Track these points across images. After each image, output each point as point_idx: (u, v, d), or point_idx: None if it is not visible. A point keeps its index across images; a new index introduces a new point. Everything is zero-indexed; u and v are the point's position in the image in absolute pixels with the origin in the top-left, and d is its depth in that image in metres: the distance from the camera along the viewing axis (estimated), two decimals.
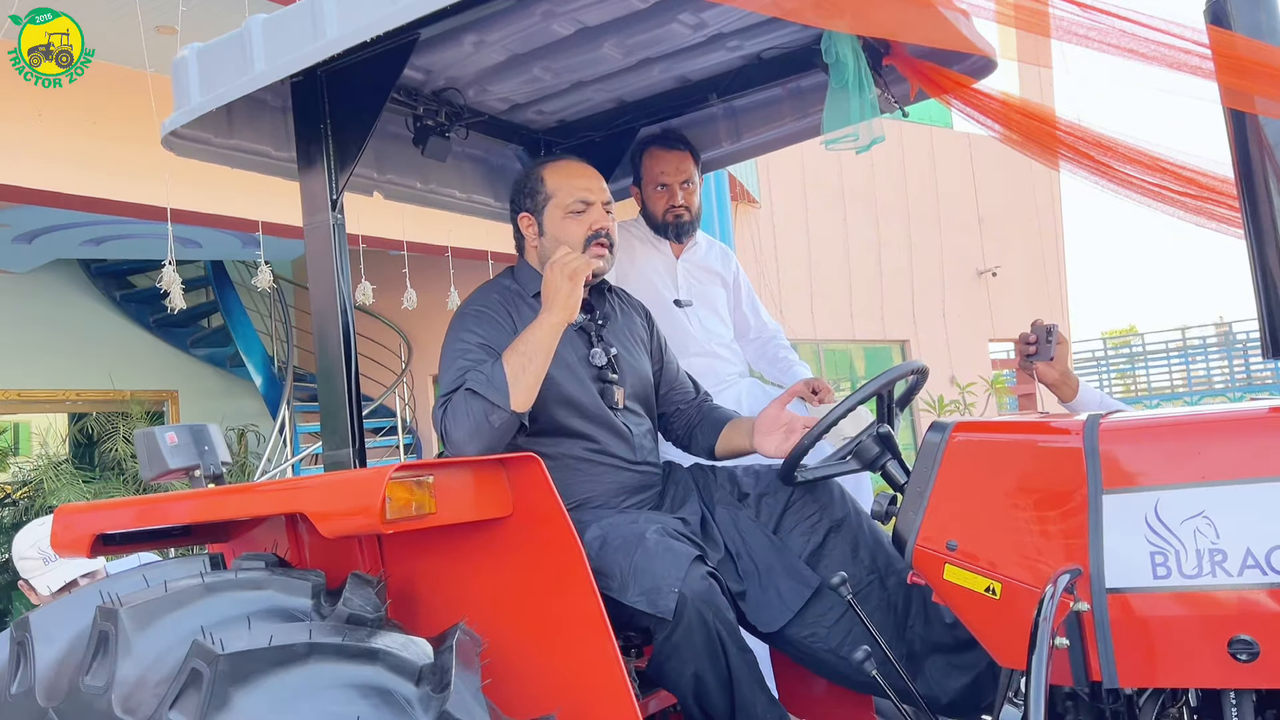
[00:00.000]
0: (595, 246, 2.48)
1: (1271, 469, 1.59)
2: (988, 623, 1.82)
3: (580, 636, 1.97)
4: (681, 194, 3.20)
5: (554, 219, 2.51)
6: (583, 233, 2.48)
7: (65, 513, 2.14)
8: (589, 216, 2.49)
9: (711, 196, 9.39)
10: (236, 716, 1.54)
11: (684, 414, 2.75)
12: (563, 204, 2.50)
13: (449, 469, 1.91)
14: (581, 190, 2.51)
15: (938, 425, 1.94)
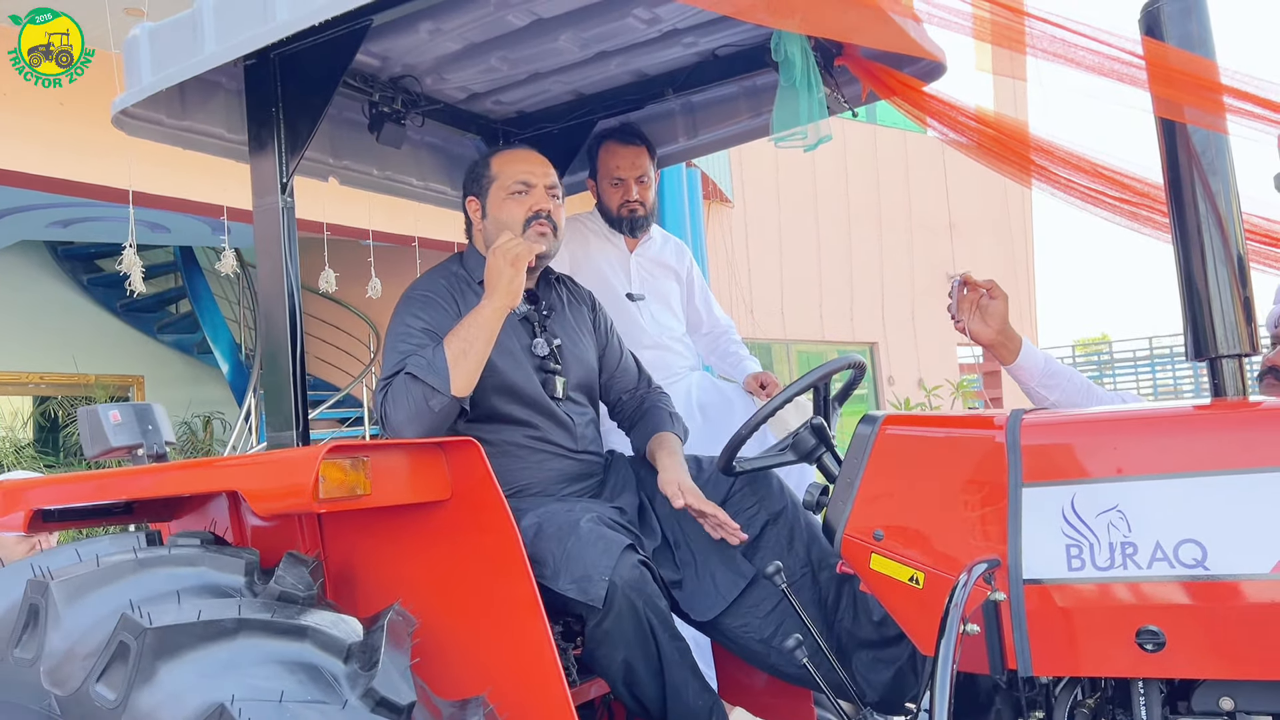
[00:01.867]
0: (536, 225, 2.49)
1: (1184, 465, 1.64)
2: (911, 611, 1.86)
3: (514, 621, 1.99)
4: (637, 189, 3.22)
5: (496, 201, 2.54)
6: (523, 214, 2.49)
7: (4, 489, 2.14)
8: (530, 199, 2.51)
9: (684, 195, 9.44)
10: (163, 690, 1.56)
11: (626, 405, 2.77)
12: (505, 186, 2.53)
13: (386, 451, 1.93)
14: (523, 173, 2.53)
15: (869, 418, 1.97)
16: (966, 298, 2.35)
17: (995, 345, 2.34)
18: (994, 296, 2.32)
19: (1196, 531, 1.59)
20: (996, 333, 2.32)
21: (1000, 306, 2.32)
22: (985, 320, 2.32)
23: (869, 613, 2.32)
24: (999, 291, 2.34)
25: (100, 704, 1.56)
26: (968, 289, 2.35)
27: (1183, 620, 1.59)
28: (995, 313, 2.32)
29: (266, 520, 2.12)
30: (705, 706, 2.25)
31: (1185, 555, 1.59)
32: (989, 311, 2.32)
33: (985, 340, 2.34)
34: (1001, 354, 2.35)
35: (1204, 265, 1.77)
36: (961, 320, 2.36)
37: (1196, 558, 1.58)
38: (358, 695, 1.63)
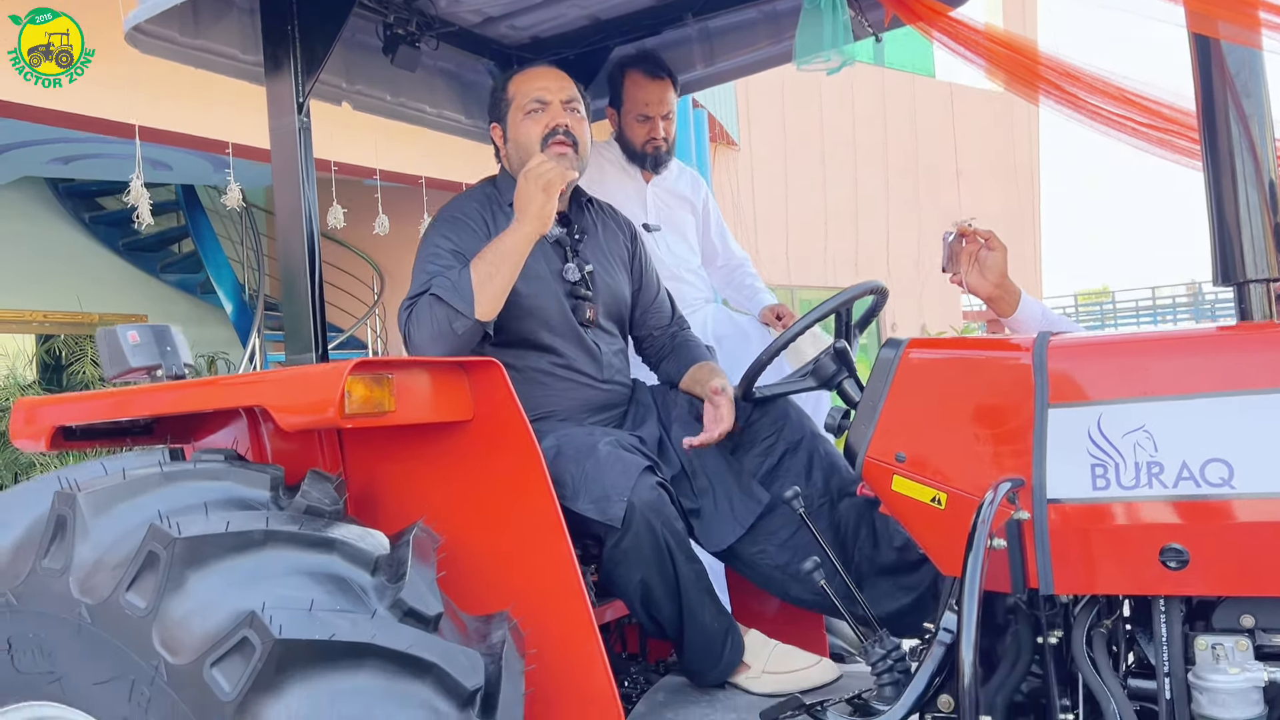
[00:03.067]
0: (554, 145, 2.44)
1: (1212, 385, 1.64)
2: (932, 532, 1.87)
3: (537, 541, 2.00)
4: (663, 125, 3.19)
5: (514, 122, 2.51)
6: (540, 132, 2.45)
7: (25, 405, 2.14)
8: (546, 115, 2.47)
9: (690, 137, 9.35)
10: (193, 598, 1.57)
11: (658, 339, 2.76)
12: (521, 106, 2.49)
13: (409, 369, 1.92)
14: (539, 90, 2.49)
15: (892, 342, 1.97)
16: (965, 250, 2.31)
17: (993, 298, 2.30)
18: (992, 248, 2.28)
19: (1223, 450, 1.60)
20: (994, 285, 2.28)
21: (999, 258, 2.28)
22: (983, 273, 2.28)
23: (890, 539, 2.33)
24: (997, 243, 2.30)
25: (131, 612, 1.58)
26: (965, 241, 2.31)
27: (1207, 538, 1.60)
28: (993, 265, 2.27)
29: (289, 440, 2.12)
30: (721, 628, 2.27)
31: (1211, 474, 1.60)
32: (987, 264, 2.28)
33: (983, 293, 2.30)
34: (999, 307, 2.32)
35: (1234, 189, 1.75)
36: (957, 273, 2.32)
37: (1223, 476, 1.59)
38: (386, 606, 1.65)
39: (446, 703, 1.59)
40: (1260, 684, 1.54)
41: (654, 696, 2.32)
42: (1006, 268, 2.28)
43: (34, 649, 1.71)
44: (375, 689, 1.55)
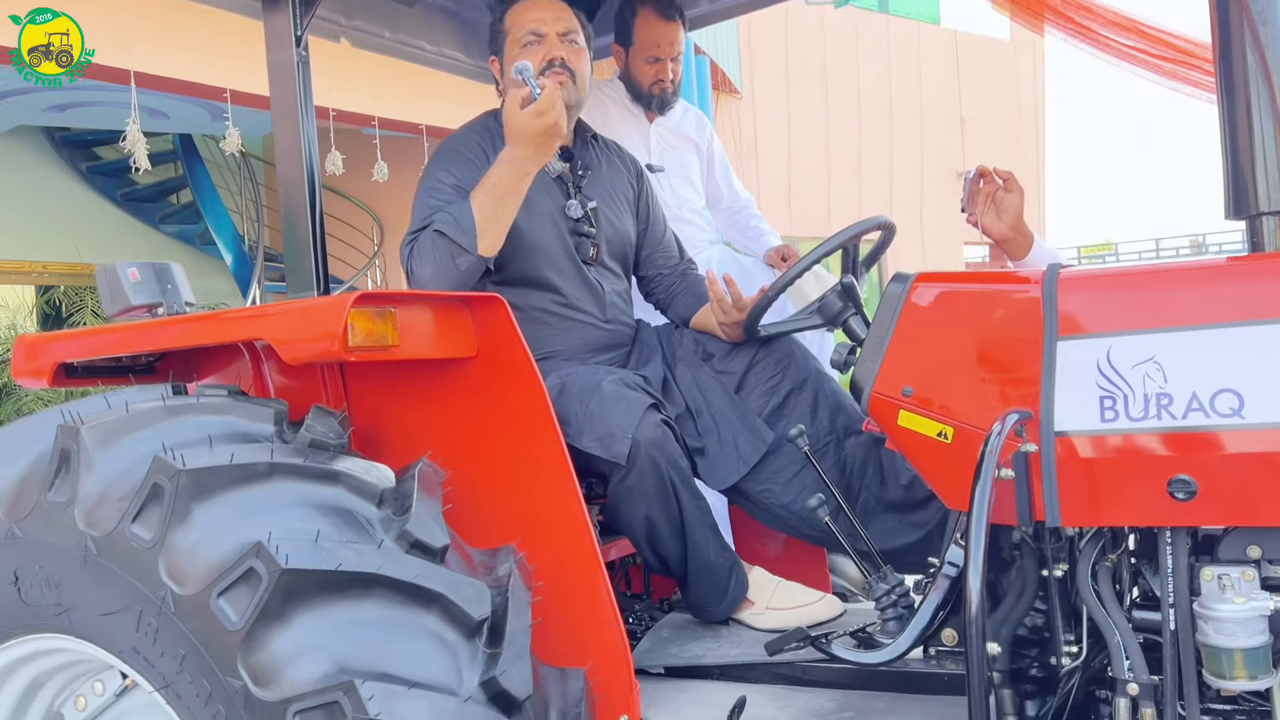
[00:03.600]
0: (551, 76, 2.38)
1: (1222, 315, 1.62)
2: (938, 466, 1.87)
3: (542, 477, 2.00)
4: (671, 67, 3.14)
5: (511, 56, 2.46)
6: (536, 65, 2.39)
7: (26, 341, 2.13)
8: (542, 48, 2.42)
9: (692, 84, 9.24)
10: (198, 529, 1.57)
11: (665, 279, 2.74)
12: (516, 39, 2.45)
13: (412, 304, 1.91)
14: (534, 21, 2.44)
15: (900, 276, 1.95)
16: (981, 191, 2.30)
17: (1008, 240, 2.29)
18: (1010, 190, 2.27)
19: (1234, 381, 1.58)
20: (1009, 228, 2.27)
21: (1016, 200, 2.27)
22: (999, 215, 2.28)
23: (897, 477, 2.33)
24: (1015, 185, 2.29)
25: (137, 544, 1.58)
26: (984, 181, 2.30)
27: (1216, 469, 1.59)
28: (1010, 207, 2.26)
29: (292, 378, 2.11)
30: (725, 564, 2.28)
31: (1221, 405, 1.59)
32: (1004, 206, 2.27)
33: (998, 235, 2.30)
34: (1013, 249, 2.32)
35: (1249, 121, 1.72)
36: (974, 214, 2.31)
37: (1233, 407, 1.58)
38: (392, 538, 1.65)
39: (453, 632, 1.59)
40: (1266, 613, 1.55)
41: (659, 632, 2.34)
42: (1022, 211, 2.27)
43: (41, 581, 1.71)
44: (382, 618, 1.55)
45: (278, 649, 1.48)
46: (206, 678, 1.53)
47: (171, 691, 1.58)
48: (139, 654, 1.61)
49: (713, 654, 2.21)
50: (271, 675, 1.47)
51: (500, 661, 1.60)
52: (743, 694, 1.97)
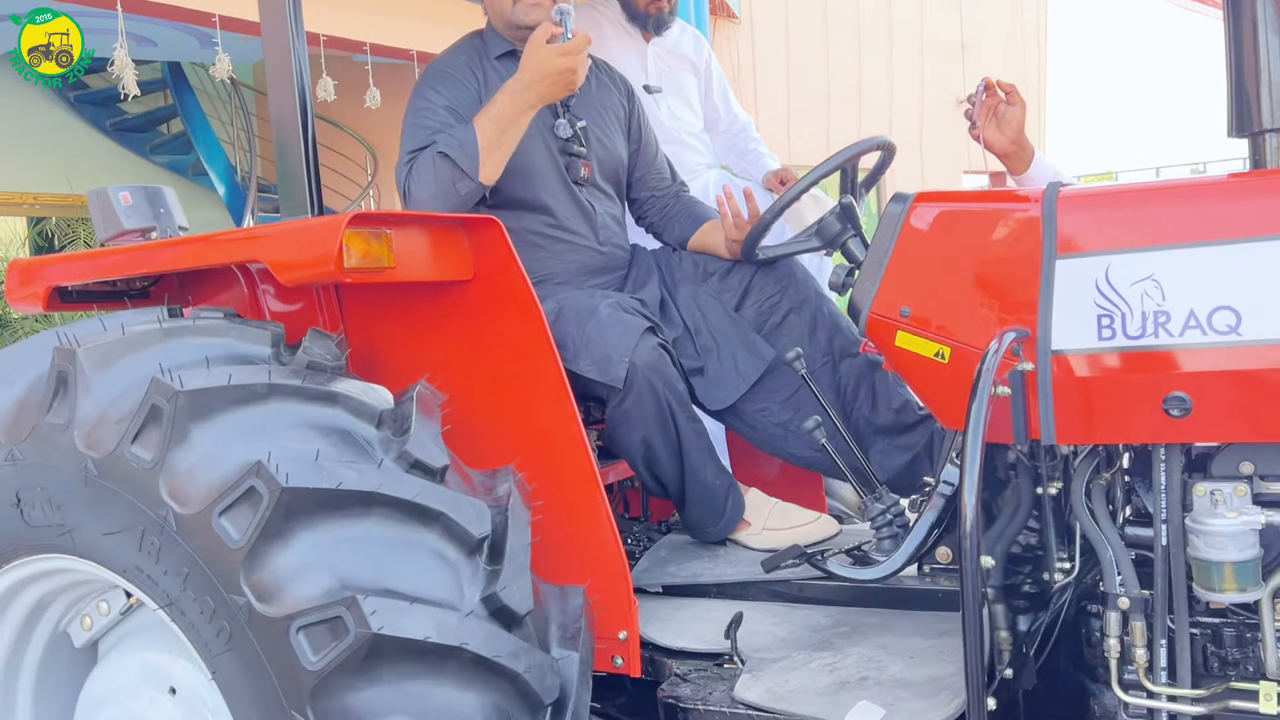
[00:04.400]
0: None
1: (1221, 232, 1.61)
2: (935, 387, 1.87)
3: (540, 400, 2.00)
4: None
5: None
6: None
7: (21, 265, 2.12)
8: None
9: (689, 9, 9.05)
10: (197, 450, 1.58)
11: (658, 201, 2.71)
12: None
13: (407, 225, 1.89)
14: None
15: (899, 196, 1.93)
16: (985, 103, 2.32)
17: (1008, 154, 2.32)
18: (1013, 103, 2.30)
19: (1231, 298, 1.58)
20: (1011, 141, 2.30)
21: (1018, 114, 2.30)
22: (1001, 127, 2.30)
23: (888, 400, 2.34)
24: (1018, 98, 2.31)
25: (137, 465, 1.59)
26: (987, 94, 2.32)
27: (1211, 386, 1.59)
28: (1012, 120, 2.29)
29: (288, 302, 2.10)
30: (722, 485, 2.30)
31: (1219, 322, 1.58)
32: (1006, 119, 2.29)
33: (999, 148, 2.32)
34: (1013, 164, 2.34)
35: (1254, 37, 1.69)
36: (977, 128, 2.32)
37: (1230, 324, 1.58)
38: (392, 458, 1.65)
39: (454, 549, 1.61)
40: (1257, 527, 1.56)
41: (656, 553, 2.37)
42: (1024, 124, 2.27)
43: (43, 502, 1.72)
44: (383, 536, 1.56)
45: (280, 566, 1.50)
46: (210, 595, 1.55)
47: (175, 609, 1.61)
48: (142, 573, 1.63)
49: (710, 573, 2.24)
50: (274, 592, 1.49)
51: (501, 578, 1.62)
52: (739, 610, 2.00)
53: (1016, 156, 2.31)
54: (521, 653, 1.58)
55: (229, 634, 1.54)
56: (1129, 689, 1.67)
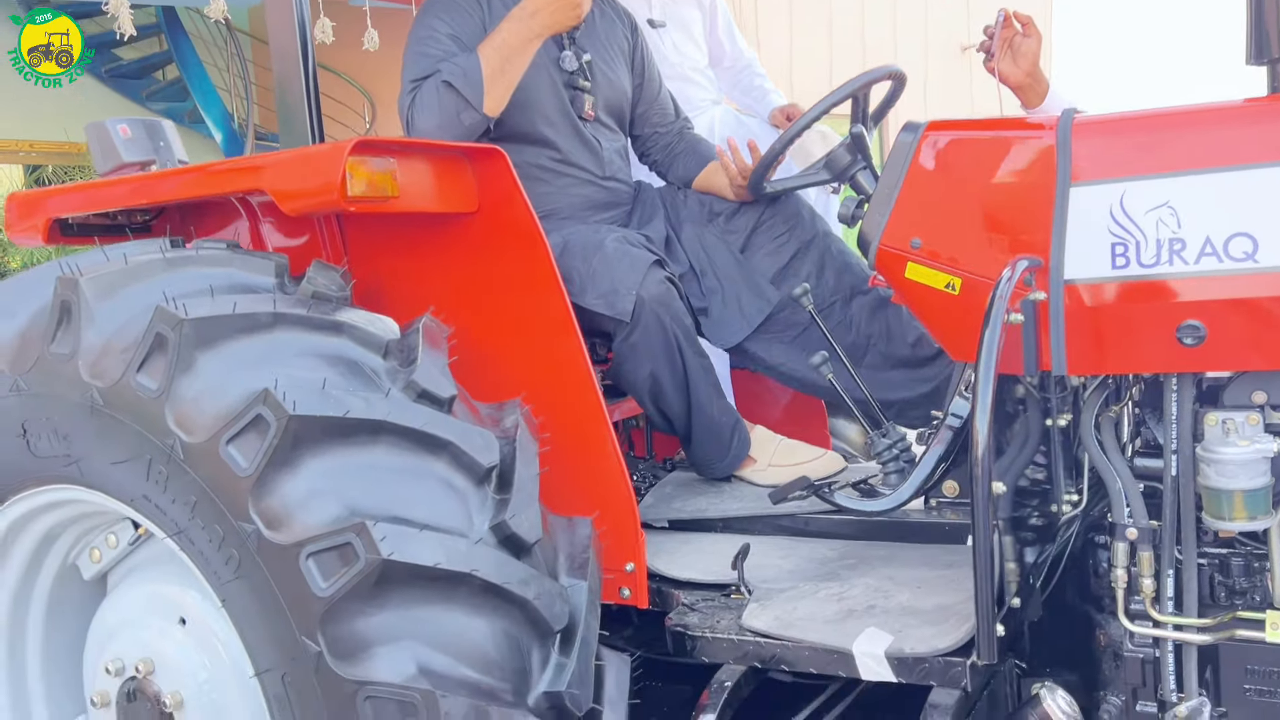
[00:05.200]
0: None
1: (1239, 158, 1.59)
2: (945, 318, 1.86)
3: (546, 333, 1.99)
4: None
5: None
6: None
7: (20, 198, 2.09)
8: None
9: None
10: (203, 378, 1.57)
11: (662, 137, 2.68)
12: None
13: (411, 154, 1.87)
14: None
15: (911, 126, 1.90)
16: (1002, 35, 2.26)
17: (1022, 87, 2.27)
18: (1028, 35, 2.24)
19: (1248, 225, 1.56)
20: (1025, 74, 2.25)
21: (1033, 45, 2.24)
22: (1016, 60, 2.25)
23: (904, 335, 2.32)
24: (1034, 30, 2.26)
25: (143, 394, 1.58)
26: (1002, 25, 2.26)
27: (1226, 314, 1.58)
28: (1027, 52, 2.24)
29: (291, 234, 2.08)
30: (728, 421, 2.30)
31: (1235, 249, 1.56)
32: (1020, 50, 2.24)
33: (1014, 81, 2.27)
34: (1028, 96, 2.30)
35: None
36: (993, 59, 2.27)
37: (1247, 251, 1.56)
38: (399, 387, 1.65)
39: (462, 478, 1.61)
40: (1269, 455, 1.55)
41: (662, 489, 2.37)
42: (1039, 57, 2.22)
43: (49, 433, 1.72)
44: (391, 464, 1.56)
45: (288, 493, 1.50)
46: (219, 523, 1.55)
47: (184, 538, 1.61)
48: (150, 502, 1.63)
49: (716, 508, 2.24)
50: (283, 519, 1.49)
51: (509, 507, 1.62)
52: (746, 543, 2.00)
53: (1031, 89, 2.26)
54: (530, 580, 1.59)
55: (238, 562, 1.55)
56: (1135, 619, 1.68)
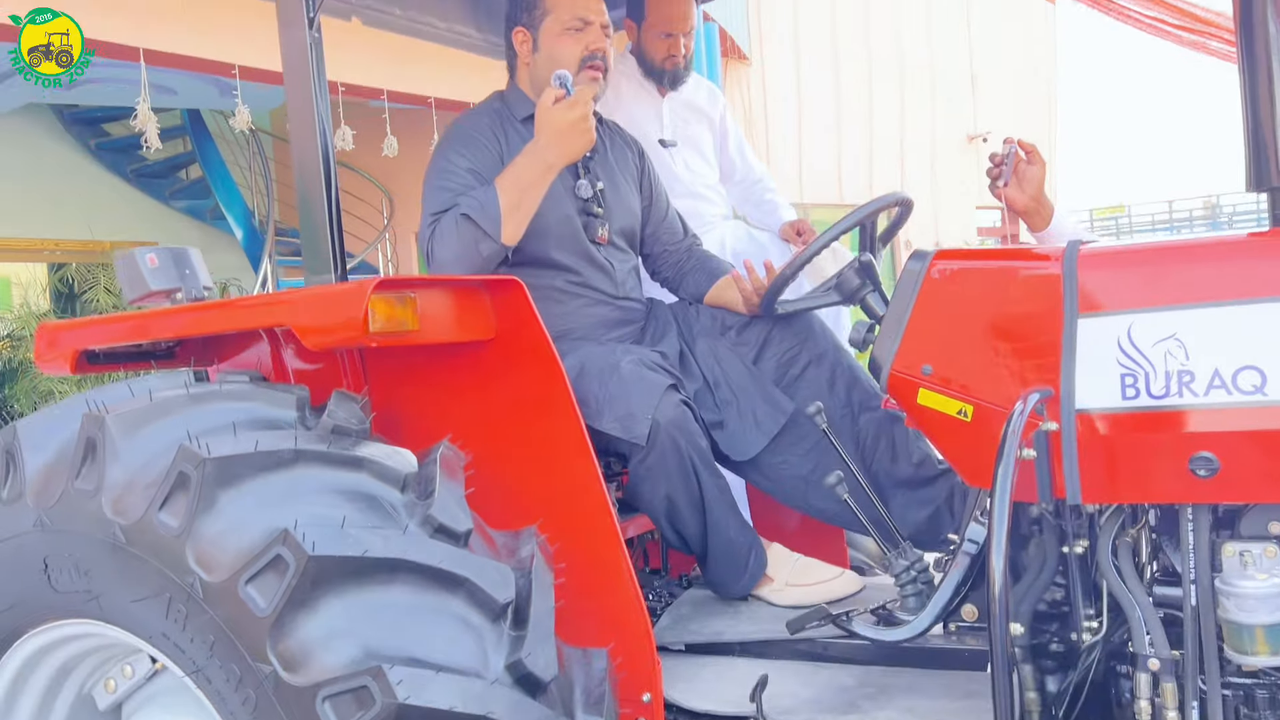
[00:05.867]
0: (589, 69, 2.42)
1: (1245, 292, 1.61)
2: (959, 445, 1.87)
3: (562, 457, 2.01)
4: (684, 42, 3.12)
5: (550, 35, 2.45)
6: (579, 52, 2.41)
7: (48, 329, 2.14)
8: (586, 36, 2.42)
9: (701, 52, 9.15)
10: (224, 517, 1.59)
11: (672, 255, 2.74)
12: (561, 20, 2.43)
13: (430, 288, 1.91)
14: (581, 8, 2.44)
15: (919, 254, 1.94)
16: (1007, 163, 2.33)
17: (1029, 212, 2.33)
18: (1032, 162, 2.31)
19: (1256, 358, 1.58)
20: (1031, 199, 2.31)
21: (1038, 172, 2.31)
22: (1022, 186, 2.31)
23: (908, 455, 2.34)
24: (1038, 157, 2.32)
25: (165, 532, 1.59)
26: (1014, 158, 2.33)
27: (1238, 445, 1.59)
28: (1032, 178, 2.31)
29: (311, 362, 2.12)
30: (745, 541, 2.30)
31: (1244, 381, 1.58)
32: (1026, 177, 2.31)
33: (1020, 206, 2.33)
34: (1034, 221, 2.35)
35: (1270, 91, 1.70)
36: (997, 186, 2.34)
37: (1256, 384, 1.57)
38: (416, 522, 1.66)
39: (479, 615, 1.61)
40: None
41: (678, 609, 2.36)
42: (1044, 183, 2.28)
43: (71, 568, 1.73)
44: (408, 603, 1.56)
45: (306, 634, 1.50)
46: (236, 663, 1.55)
47: (202, 676, 1.61)
48: (169, 639, 1.63)
49: (733, 631, 2.22)
50: (301, 660, 1.49)
51: (525, 644, 1.61)
52: (764, 671, 1.98)
53: (1037, 214, 2.32)
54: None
55: (255, 703, 1.54)
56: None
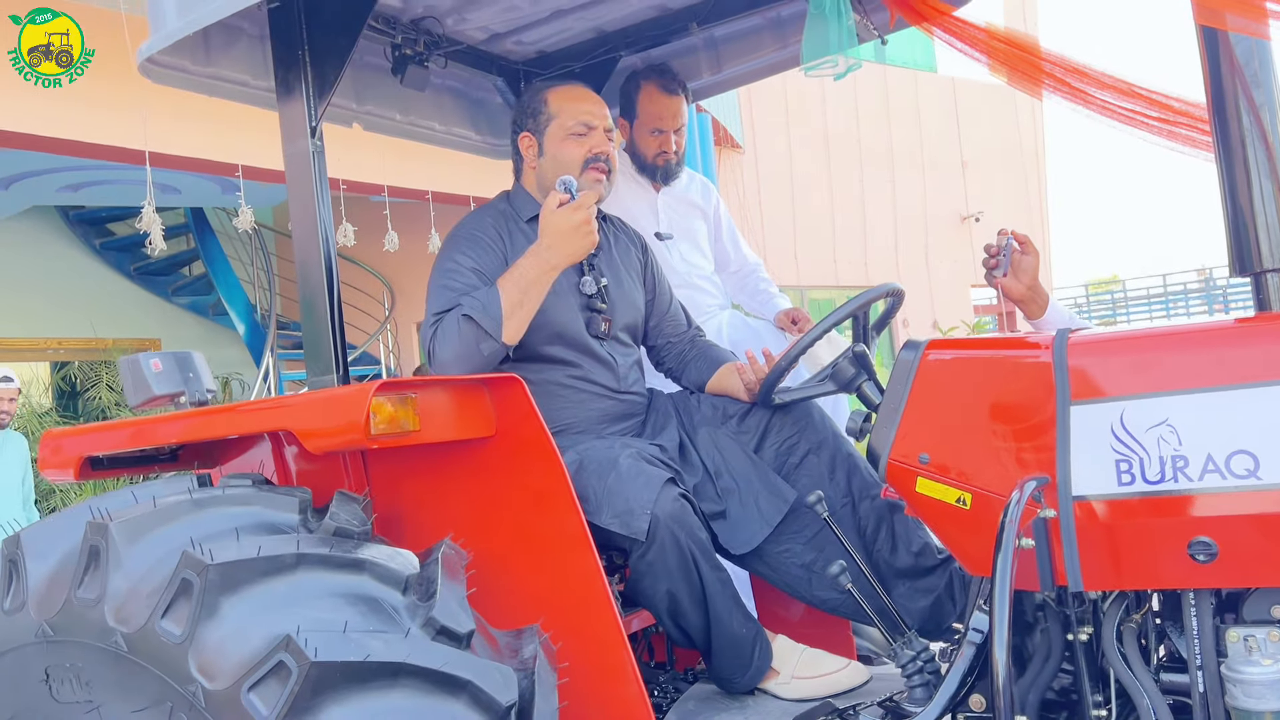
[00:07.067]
0: (593, 170, 2.48)
1: (1234, 377, 1.64)
2: (958, 532, 1.88)
3: (563, 554, 2.01)
4: (674, 139, 3.21)
5: (555, 140, 2.51)
6: (582, 155, 2.47)
7: (53, 436, 2.17)
8: (590, 140, 2.49)
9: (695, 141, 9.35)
10: (227, 624, 1.59)
11: (675, 347, 2.78)
12: (565, 125, 2.50)
13: (432, 388, 1.94)
14: (585, 113, 2.51)
15: (911, 344, 1.97)
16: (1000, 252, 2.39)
17: (1024, 300, 2.39)
18: (1027, 252, 2.36)
19: (1248, 442, 1.60)
20: (1026, 288, 2.36)
21: (1032, 262, 2.37)
22: (1017, 275, 2.37)
23: (907, 543, 2.34)
24: (1032, 248, 2.38)
25: (167, 640, 1.59)
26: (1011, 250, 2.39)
27: (1235, 530, 1.60)
28: (1027, 268, 2.36)
29: (314, 462, 2.14)
30: (749, 634, 2.28)
31: (1237, 466, 1.60)
32: (1020, 267, 2.36)
33: (1015, 295, 2.38)
34: (1029, 309, 2.41)
35: (1248, 179, 1.75)
36: (993, 276, 2.39)
37: (1249, 468, 1.59)
38: (418, 625, 1.66)
39: (482, 719, 1.59)
40: None
41: (684, 705, 2.33)
42: (1038, 271, 2.33)
43: (71, 678, 1.72)
44: (411, 708, 1.55)
45: None
46: None
47: None
48: None
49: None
50: None
51: None
52: None
53: (1032, 302, 2.37)
54: None
55: None
56: None
